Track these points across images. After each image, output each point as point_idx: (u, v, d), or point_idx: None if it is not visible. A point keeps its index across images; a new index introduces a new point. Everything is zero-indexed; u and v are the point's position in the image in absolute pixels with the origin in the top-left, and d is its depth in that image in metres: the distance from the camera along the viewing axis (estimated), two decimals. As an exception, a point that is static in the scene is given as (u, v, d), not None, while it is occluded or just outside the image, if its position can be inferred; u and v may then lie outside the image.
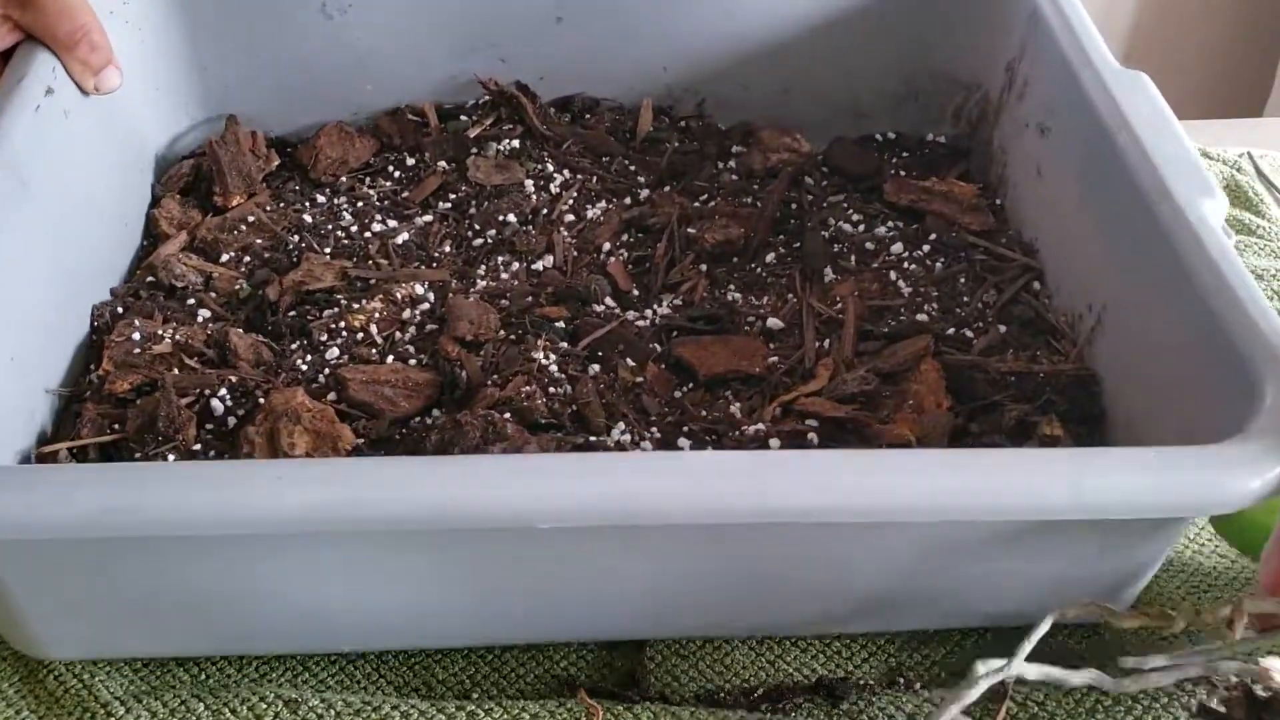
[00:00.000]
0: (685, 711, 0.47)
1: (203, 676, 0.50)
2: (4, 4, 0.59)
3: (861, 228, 0.67)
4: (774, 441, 0.54)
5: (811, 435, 0.55)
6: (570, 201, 0.68)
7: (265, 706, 0.47)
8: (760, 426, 0.55)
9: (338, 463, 0.43)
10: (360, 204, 0.68)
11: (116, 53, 0.64)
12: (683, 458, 0.45)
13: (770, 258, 0.65)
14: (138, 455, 0.53)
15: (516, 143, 0.71)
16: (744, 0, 0.70)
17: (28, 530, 0.41)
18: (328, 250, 0.65)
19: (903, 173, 0.71)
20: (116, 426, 0.55)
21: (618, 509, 0.40)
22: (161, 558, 0.44)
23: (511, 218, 0.67)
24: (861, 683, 0.50)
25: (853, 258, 0.65)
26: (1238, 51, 1.26)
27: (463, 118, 0.73)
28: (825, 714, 0.49)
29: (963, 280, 0.63)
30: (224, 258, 0.65)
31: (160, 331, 0.59)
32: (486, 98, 0.73)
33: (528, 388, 0.56)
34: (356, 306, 0.61)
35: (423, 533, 0.42)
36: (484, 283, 0.63)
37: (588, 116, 0.73)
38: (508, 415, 0.54)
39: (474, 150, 0.71)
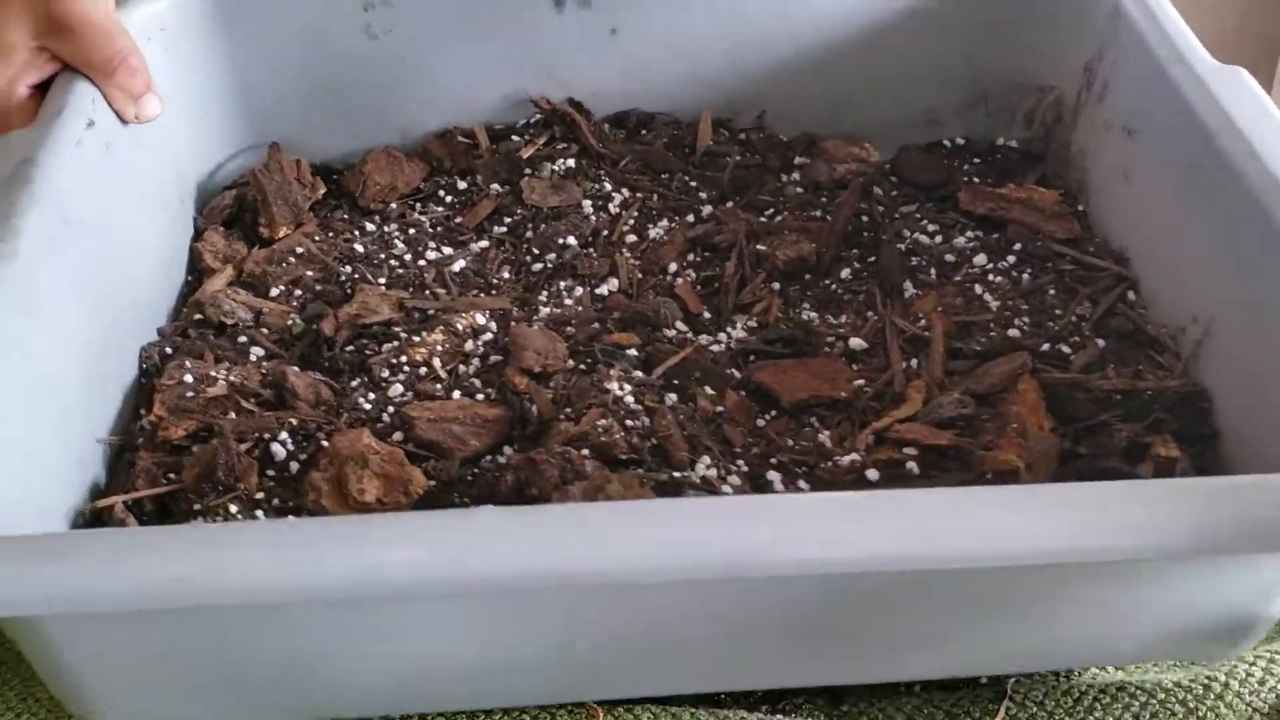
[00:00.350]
0: (685, 713, 0.46)
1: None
2: (39, 33, 0.56)
3: (939, 239, 0.64)
4: (871, 473, 0.51)
5: (911, 464, 0.51)
6: (631, 221, 0.65)
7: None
8: (855, 456, 0.52)
9: (425, 518, 0.40)
10: (412, 231, 0.65)
11: (155, 80, 0.61)
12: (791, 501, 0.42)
13: (845, 273, 0.62)
14: (197, 506, 0.50)
15: (571, 162, 0.68)
16: (804, 7, 0.67)
17: (90, 603, 0.38)
18: (382, 280, 0.62)
19: (975, 180, 0.68)
20: (172, 476, 0.52)
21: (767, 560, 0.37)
22: (232, 625, 0.41)
23: (571, 240, 0.64)
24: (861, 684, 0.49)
25: (932, 271, 0.62)
26: (1237, 51, 1.23)
27: (514, 138, 0.70)
28: (825, 715, 0.47)
29: (1052, 292, 0.60)
30: (274, 292, 0.62)
31: (213, 372, 0.56)
32: (538, 116, 0.70)
33: (603, 421, 0.53)
34: (417, 339, 0.58)
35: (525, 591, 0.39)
36: (547, 309, 0.60)
37: (643, 132, 0.70)
38: (585, 451, 0.51)
39: (528, 171, 0.68)
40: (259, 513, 0.50)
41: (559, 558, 0.36)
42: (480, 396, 0.56)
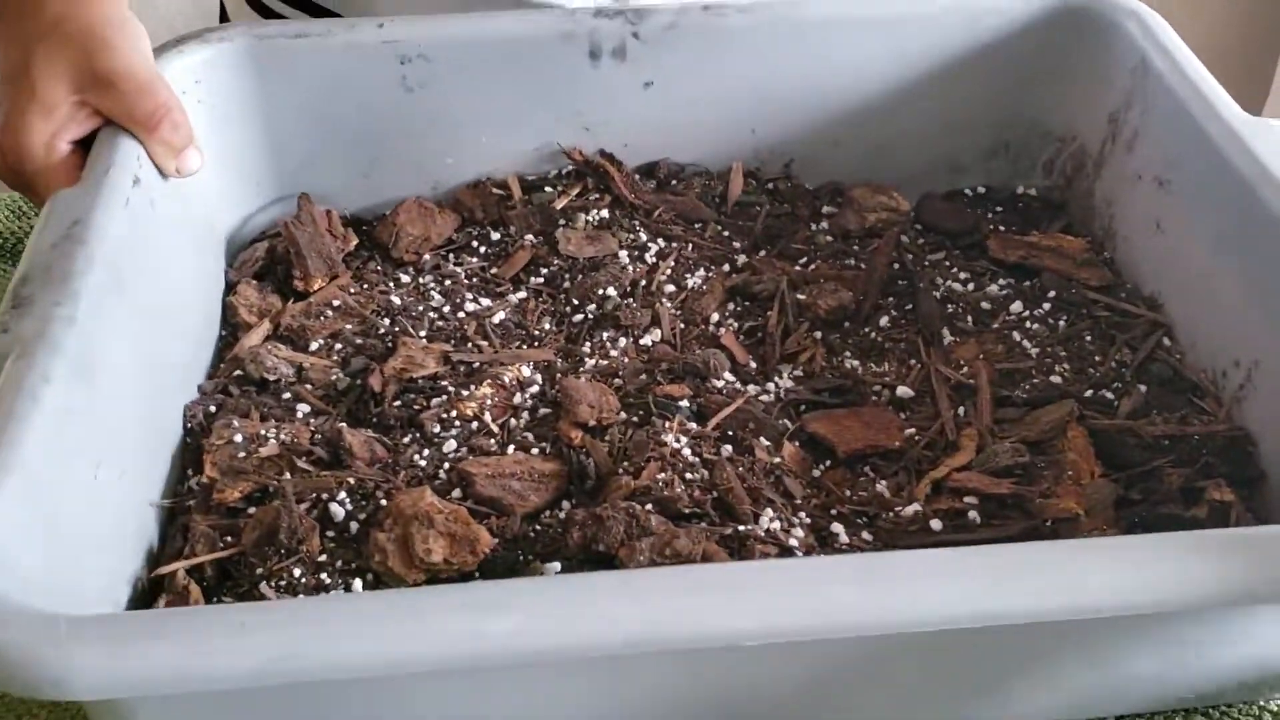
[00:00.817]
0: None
1: None
2: (80, 88, 0.56)
3: (971, 286, 0.65)
4: (935, 523, 0.52)
5: (972, 514, 0.52)
6: (668, 271, 0.66)
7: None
8: (916, 507, 0.53)
9: (531, 584, 0.40)
10: (448, 282, 0.65)
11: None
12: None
13: (884, 321, 0.63)
14: (259, 570, 0.49)
15: (605, 212, 0.68)
16: (830, 61, 0.68)
17: (188, 683, 0.37)
18: (422, 333, 0.62)
19: (1000, 228, 0.69)
20: (229, 539, 0.51)
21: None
22: (335, 699, 0.40)
23: (611, 291, 0.64)
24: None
25: (969, 318, 0.63)
26: (1237, 52, 1.26)
27: (547, 189, 0.70)
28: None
29: (1089, 339, 0.61)
30: (313, 346, 0.61)
31: (262, 431, 0.55)
32: (571, 167, 0.70)
33: (663, 475, 0.53)
34: (466, 394, 0.57)
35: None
36: (592, 361, 0.60)
37: (674, 182, 0.71)
38: (648, 506, 0.51)
39: (562, 222, 0.68)
40: (323, 575, 0.50)
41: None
42: (534, 451, 0.56)
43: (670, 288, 0.65)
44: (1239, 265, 0.56)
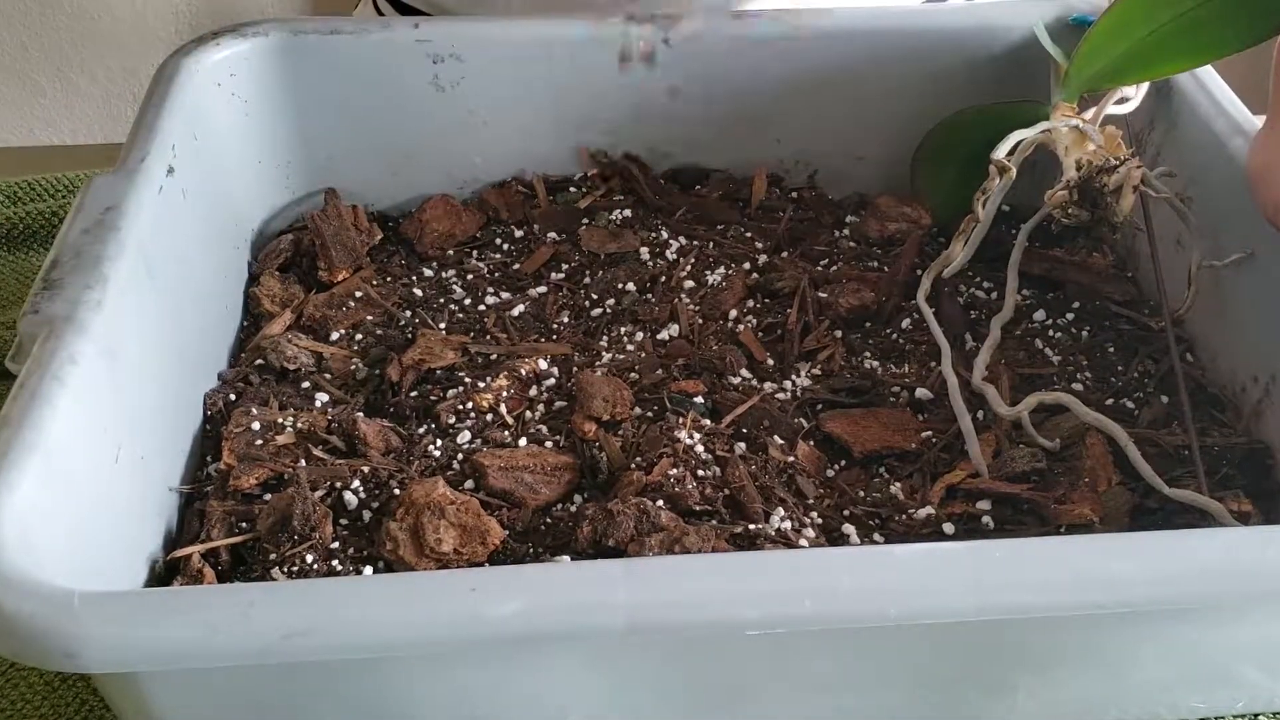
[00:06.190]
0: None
1: None
2: None
3: (994, 295, 0.65)
4: (947, 526, 0.52)
5: (986, 518, 0.52)
6: (689, 268, 0.66)
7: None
8: (929, 510, 0.52)
9: (535, 570, 0.40)
10: (470, 276, 0.66)
11: (222, 126, 0.61)
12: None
13: (905, 323, 0.63)
14: (272, 555, 0.50)
15: (629, 212, 0.69)
16: (862, 72, 0.68)
17: (196, 659, 0.38)
18: (442, 325, 0.62)
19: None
20: (244, 525, 0.52)
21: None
22: (341, 681, 0.41)
23: (630, 286, 0.64)
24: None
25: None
26: (1235, 58, 1.24)
27: (571, 190, 0.70)
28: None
29: (1111, 350, 0.61)
30: (334, 336, 0.62)
31: (280, 420, 0.56)
32: (595, 170, 0.70)
33: (675, 471, 0.53)
34: (481, 385, 0.58)
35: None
36: (609, 355, 0.61)
37: (698, 187, 0.71)
38: (659, 502, 0.51)
39: (585, 221, 0.68)
40: (334, 562, 0.50)
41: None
42: (548, 444, 0.56)
43: (690, 284, 0.65)
44: (1258, 281, 0.56)
